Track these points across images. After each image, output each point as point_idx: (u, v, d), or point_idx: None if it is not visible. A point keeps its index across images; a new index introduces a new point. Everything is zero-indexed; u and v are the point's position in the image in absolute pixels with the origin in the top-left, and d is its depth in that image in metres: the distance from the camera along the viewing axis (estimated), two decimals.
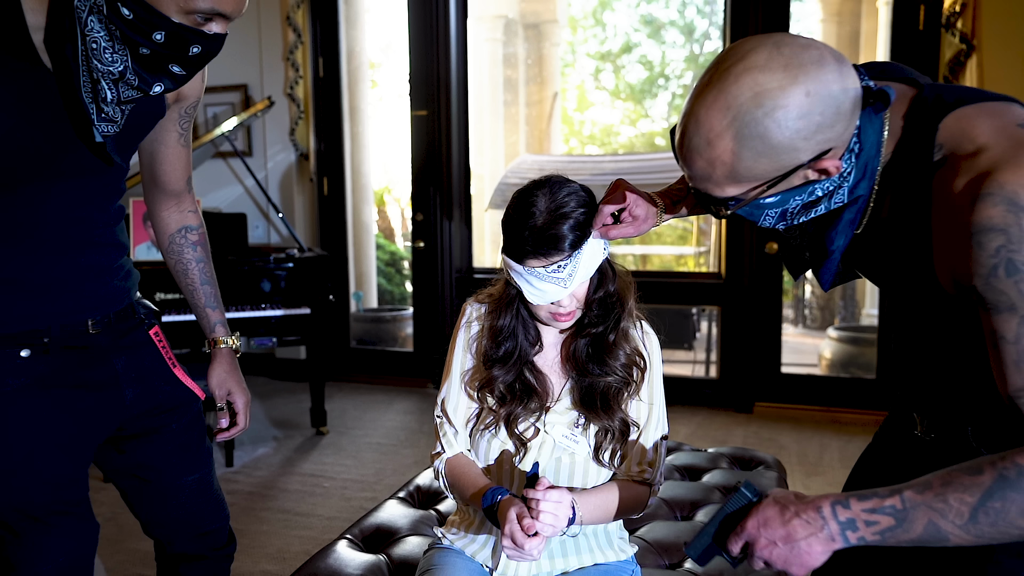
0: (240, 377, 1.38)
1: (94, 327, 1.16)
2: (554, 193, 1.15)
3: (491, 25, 6.92)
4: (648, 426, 1.26)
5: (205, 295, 1.35)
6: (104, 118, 1.02)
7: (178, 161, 1.30)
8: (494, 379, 1.24)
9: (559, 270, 1.13)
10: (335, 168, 4.55)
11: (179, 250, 1.34)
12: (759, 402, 3.91)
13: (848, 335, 4.42)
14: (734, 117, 0.81)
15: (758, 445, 3.42)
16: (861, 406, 3.78)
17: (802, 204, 0.91)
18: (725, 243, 3.90)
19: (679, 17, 10.94)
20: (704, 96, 0.84)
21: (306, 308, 3.45)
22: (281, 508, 2.79)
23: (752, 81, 0.80)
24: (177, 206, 1.34)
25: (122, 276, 1.22)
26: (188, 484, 1.31)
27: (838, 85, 0.81)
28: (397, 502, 1.67)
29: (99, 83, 0.99)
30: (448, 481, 1.25)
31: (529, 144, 7.47)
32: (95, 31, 0.96)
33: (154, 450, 1.27)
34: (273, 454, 3.36)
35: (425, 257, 4.37)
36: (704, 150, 0.84)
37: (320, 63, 4.43)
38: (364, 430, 3.72)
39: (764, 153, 0.82)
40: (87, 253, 1.15)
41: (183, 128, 1.27)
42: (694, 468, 1.89)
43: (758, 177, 0.85)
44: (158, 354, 1.28)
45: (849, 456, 3.26)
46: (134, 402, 1.23)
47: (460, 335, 1.30)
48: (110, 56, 0.98)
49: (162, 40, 0.97)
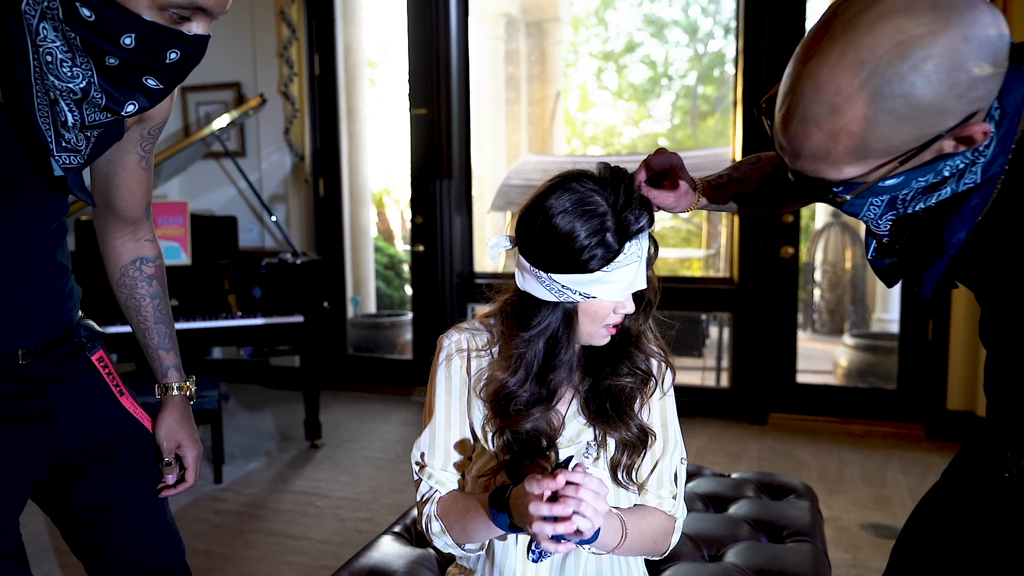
0: (192, 428, 1.23)
1: (24, 357, 1.02)
2: (603, 185, 0.98)
3: (493, 23, 6.78)
4: (665, 449, 1.10)
5: (159, 335, 1.21)
6: (65, 147, 0.86)
7: (138, 187, 1.15)
8: (503, 429, 1.05)
9: (638, 243, 0.97)
10: (332, 169, 4.39)
11: (132, 283, 1.20)
12: (774, 413, 3.75)
13: (865, 343, 4.25)
14: (870, 74, 0.65)
15: (774, 460, 3.25)
16: (881, 418, 3.62)
17: (923, 187, 0.74)
18: (738, 246, 3.73)
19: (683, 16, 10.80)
20: (824, 52, 0.67)
21: (299, 316, 3.28)
22: (271, 530, 2.62)
23: (893, 27, 0.64)
24: (133, 235, 1.20)
25: (61, 299, 1.09)
26: (139, 523, 1.17)
27: (995, 29, 0.65)
28: (392, 538, 1.51)
29: (57, 103, 0.83)
30: (443, 518, 1.06)
31: (531, 144, 7.31)
32: (49, 40, 0.80)
33: (99, 488, 1.13)
34: (265, 469, 3.20)
35: (425, 261, 4.21)
36: (826, 119, 0.68)
37: (316, 60, 4.27)
38: (361, 443, 3.55)
39: (906, 117, 0.65)
40: (17, 280, 1.01)
41: (144, 150, 1.12)
42: (718, 497, 1.73)
43: (890, 151, 0.68)
44: (102, 382, 1.14)
45: (870, 472, 3.10)
46: (74, 437, 1.09)
47: (439, 375, 1.11)
48: (69, 70, 0.81)
49: (132, 45, 0.80)
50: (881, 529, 2.56)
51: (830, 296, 6.19)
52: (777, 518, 1.57)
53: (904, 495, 2.85)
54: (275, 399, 4.25)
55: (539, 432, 1.04)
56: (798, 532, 1.52)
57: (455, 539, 1.06)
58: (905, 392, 3.58)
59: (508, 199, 4.93)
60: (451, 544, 1.07)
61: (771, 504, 1.67)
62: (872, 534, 2.53)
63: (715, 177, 1.08)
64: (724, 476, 1.87)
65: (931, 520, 1.03)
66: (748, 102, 3.59)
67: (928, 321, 3.47)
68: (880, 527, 2.58)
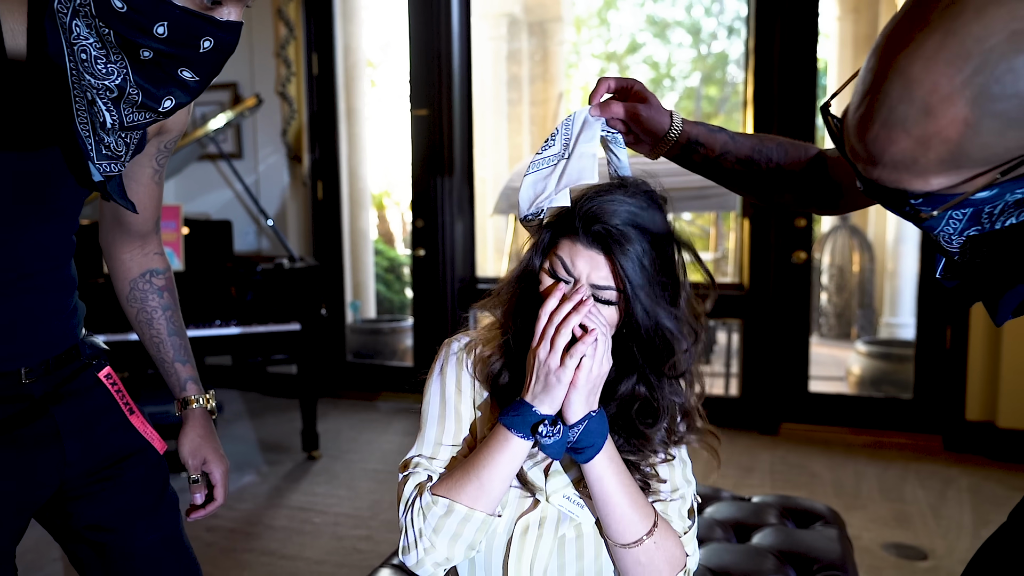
0: (217, 443, 1.20)
1: (28, 376, 0.99)
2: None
3: (495, 23, 6.68)
4: (674, 492, 1.00)
5: (173, 348, 1.19)
6: (106, 154, 0.85)
7: (150, 201, 1.14)
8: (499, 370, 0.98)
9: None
10: (330, 171, 4.28)
11: (143, 297, 1.18)
12: (785, 423, 3.63)
13: (879, 350, 4.14)
14: (977, 69, 0.53)
15: (787, 473, 3.14)
16: (898, 428, 3.51)
17: (1017, 199, 0.63)
18: (748, 251, 3.62)
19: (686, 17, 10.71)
20: (918, 44, 0.56)
21: (296, 323, 3.17)
22: (265, 549, 2.51)
23: (1008, 14, 0.52)
24: (141, 248, 1.19)
25: (66, 315, 1.05)
26: (152, 544, 1.10)
27: None
28: (391, 571, 1.40)
29: (95, 104, 0.80)
30: (446, 494, 0.92)
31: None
32: (82, 37, 0.78)
33: (106, 508, 1.07)
34: (260, 483, 3.09)
35: (426, 266, 4.10)
36: (916, 123, 0.57)
37: (314, 60, 4.16)
38: (359, 454, 3.44)
39: (1018, 121, 0.54)
40: (24, 298, 0.97)
41: (159, 164, 1.12)
42: (739, 524, 1.61)
43: (990, 159, 0.57)
44: (110, 399, 1.09)
45: (888, 486, 2.98)
46: (77, 459, 1.04)
47: (433, 386, 1.03)
48: (104, 67, 0.79)
49: (165, 34, 0.78)
50: (904, 550, 2.45)
51: (837, 300, 6.09)
52: (806, 550, 1.46)
53: (925, 512, 2.74)
54: (272, 407, 4.14)
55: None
56: (830, 566, 1.41)
57: (468, 502, 0.90)
58: (922, 401, 3.47)
59: (511, 202, 4.80)
60: (444, 555, 0.93)
61: (797, 533, 1.56)
62: (895, 554, 2.42)
63: (722, 143, 1.00)
64: (744, 500, 1.76)
65: (997, 564, 0.92)
66: (759, 102, 3.48)
67: (946, 328, 3.36)
68: (902, 547, 2.46)
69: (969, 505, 2.79)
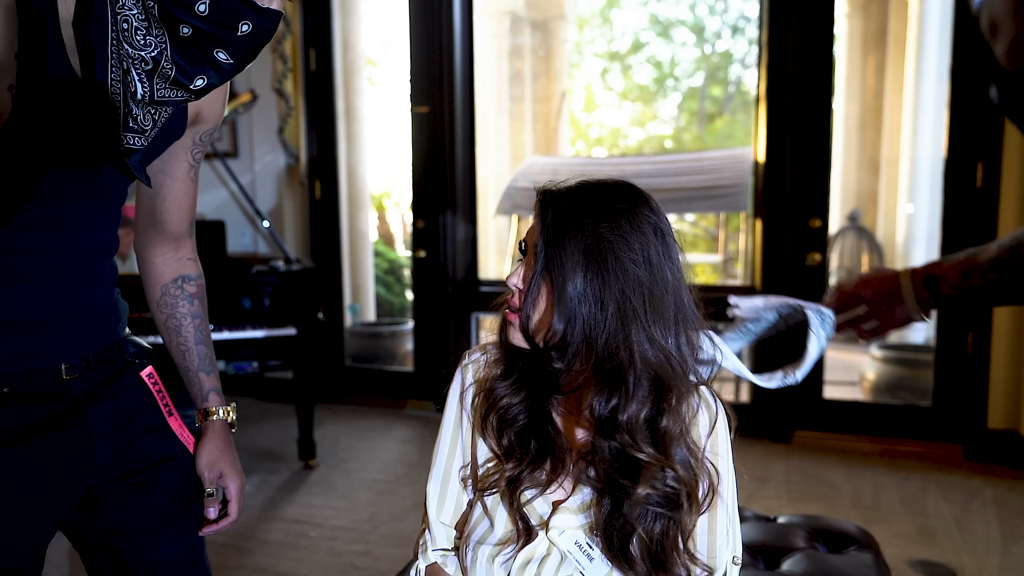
0: (235, 457, 1.16)
1: (69, 372, 0.97)
2: None
3: (497, 20, 6.57)
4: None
5: (199, 356, 1.15)
6: (132, 127, 0.83)
7: (185, 198, 1.11)
8: (506, 416, 0.88)
9: None
10: (328, 171, 4.16)
11: (173, 303, 1.14)
12: (799, 430, 3.51)
13: (896, 355, 4.01)
14: None
15: (803, 484, 3.02)
16: (916, 436, 3.38)
17: None
18: (761, 252, 3.50)
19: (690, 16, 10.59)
20: None
21: (292, 328, 3.05)
22: (258, 566, 2.39)
23: None
24: (175, 251, 1.15)
25: (108, 311, 1.04)
26: (170, 558, 1.08)
27: None
28: None
29: (129, 73, 0.80)
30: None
31: (537, 145, 7.07)
32: (127, 7, 0.79)
33: (130, 513, 1.04)
34: (255, 493, 2.97)
35: (426, 268, 3.97)
36: None
37: (311, 55, 4.04)
38: (358, 463, 3.32)
39: None
40: (72, 288, 0.96)
41: (195, 159, 1.09)
42: (767, 547, 1.49)
43: None
44: (151, 399, 1.07)
45: (910, 497, 2.86)
46: (107, 462, 1.01)
47: (449, 412, 0.97)
48: (143, 39, 0.80)
49: (206, 12, 0.78)
50: (932, 568, 2.32)
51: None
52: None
53: (950, 526, 2.61)
54: (268, 413, 4.02)
55: (549, 444, 0.87)
56: None
57: None
58: (941, 409, 3.34)
59: (514, 202, 4.68)
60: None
61: (830, 559, 1.44)
62: (922, 573, 2.29)
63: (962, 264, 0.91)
64: (769, 520, 1.64)
65: None
66: (772, 98, 3.36)
67: (967, 334, 3.24)
68: (929, 565, 2.34)
69: (995, 519, 2.67)
